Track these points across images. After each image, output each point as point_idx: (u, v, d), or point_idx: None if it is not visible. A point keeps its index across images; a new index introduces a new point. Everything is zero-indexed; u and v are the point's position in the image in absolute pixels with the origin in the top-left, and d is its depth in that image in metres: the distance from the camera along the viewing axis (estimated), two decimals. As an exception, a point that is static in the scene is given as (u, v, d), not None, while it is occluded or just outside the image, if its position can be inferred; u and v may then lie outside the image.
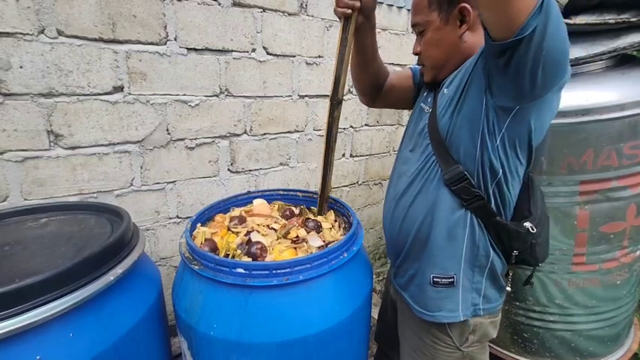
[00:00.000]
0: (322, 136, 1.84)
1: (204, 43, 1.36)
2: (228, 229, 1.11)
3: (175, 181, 1.45)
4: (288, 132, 1.71)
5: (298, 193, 1.35)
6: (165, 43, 1.28)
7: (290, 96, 1.65)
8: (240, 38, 1.44)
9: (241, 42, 1.44)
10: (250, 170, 1.65)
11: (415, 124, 0.92)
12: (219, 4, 1.35)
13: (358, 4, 0.84)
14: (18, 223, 0.99)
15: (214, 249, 0.98)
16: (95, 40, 1.15)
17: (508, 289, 0.91)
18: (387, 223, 0.97)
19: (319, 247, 1.01)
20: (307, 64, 1.67)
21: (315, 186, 1.90)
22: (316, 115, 1.77)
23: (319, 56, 1.69)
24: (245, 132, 1.57)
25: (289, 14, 1.54)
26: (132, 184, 1.35)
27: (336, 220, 1.20)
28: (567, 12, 1.06)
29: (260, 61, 1.51)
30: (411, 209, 0.86)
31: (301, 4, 1.56)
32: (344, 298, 0.94)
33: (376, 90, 1.07)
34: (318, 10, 1.62)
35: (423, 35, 0.82)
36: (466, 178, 0.77)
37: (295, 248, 1.02)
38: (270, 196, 1.33)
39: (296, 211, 1.28)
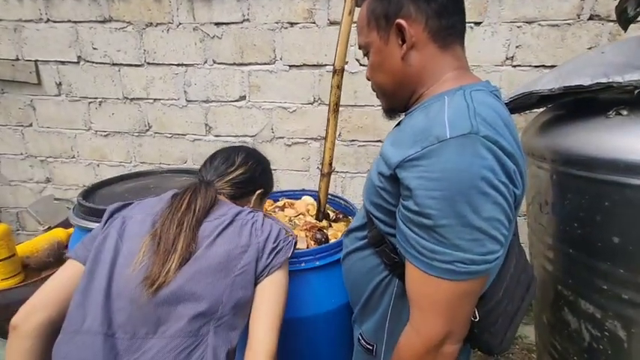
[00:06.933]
0: (419, 148, 1.70)
1: (303, 60, 1.63)
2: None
3: (276, 169, 1.84)
4: (379, 140, 1.71)
5: (341, 201, 1.41)
6: (274, 63, 1.65)
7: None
8: (333, 53, 1.60)
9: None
10: (337, 172, 1.80)
11: None
12: (317, 25, 1.57)
13: None
14: (172, 177, 1.68)
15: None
16: (231, 64, 1.68)
17: None
18: None
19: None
20: (407, 72, 1.59)
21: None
22: (411, 125, 1.65)
23: (420, 63, 1.57)
24: (334, 136, 1.74)
25: (386, 24, 1.53)
26: (248, 166, 1.86)
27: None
28: None
29: (352, 72, 1.61)
30: (351, 257, 0.80)
31: (400, 12, 1.50)
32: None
33: None
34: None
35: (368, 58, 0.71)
36: (384, 241, 0.66)
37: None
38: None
39: (332, 215, 1.37)
